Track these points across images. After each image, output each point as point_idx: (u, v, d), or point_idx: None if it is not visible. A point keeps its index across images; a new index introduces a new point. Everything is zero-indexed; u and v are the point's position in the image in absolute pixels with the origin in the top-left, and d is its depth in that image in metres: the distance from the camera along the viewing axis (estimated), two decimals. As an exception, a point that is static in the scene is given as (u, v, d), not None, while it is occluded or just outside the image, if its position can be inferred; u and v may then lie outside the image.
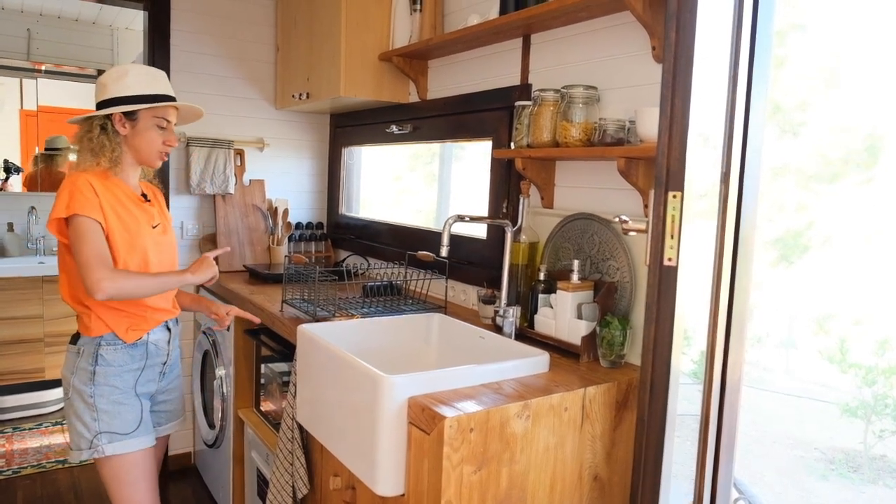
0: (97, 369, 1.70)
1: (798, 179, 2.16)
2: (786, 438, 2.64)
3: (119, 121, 1.72)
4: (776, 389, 2.64)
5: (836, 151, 2.06)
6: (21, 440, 3.38)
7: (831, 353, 2.31)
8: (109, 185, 1.70)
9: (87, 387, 1.70)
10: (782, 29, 1.86)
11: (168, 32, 2.85)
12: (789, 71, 2.03)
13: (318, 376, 1.65)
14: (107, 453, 1.69)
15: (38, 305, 3.61)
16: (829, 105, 2.06)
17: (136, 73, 1.73)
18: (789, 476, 2.52)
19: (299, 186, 3.27)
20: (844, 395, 2.34)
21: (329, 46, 2.56)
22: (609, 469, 1.54)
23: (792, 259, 2.27)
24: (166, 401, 1.91)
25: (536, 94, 1.84)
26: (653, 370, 1.12)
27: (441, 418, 1.25)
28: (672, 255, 1.05)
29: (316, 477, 1.80)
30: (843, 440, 2.46)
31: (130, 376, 1.75)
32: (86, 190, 1.62)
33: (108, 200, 1.67)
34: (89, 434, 1.69)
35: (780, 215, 2.21)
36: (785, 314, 2.47)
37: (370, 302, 2.19)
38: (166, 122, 1.76)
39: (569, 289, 1.72)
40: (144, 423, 1.76)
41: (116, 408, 1.71)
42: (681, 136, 1.03)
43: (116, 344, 1.72)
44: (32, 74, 3.95)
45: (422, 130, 2.59)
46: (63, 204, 1.61)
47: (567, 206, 1.95)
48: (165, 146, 1.77)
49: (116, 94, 1.70)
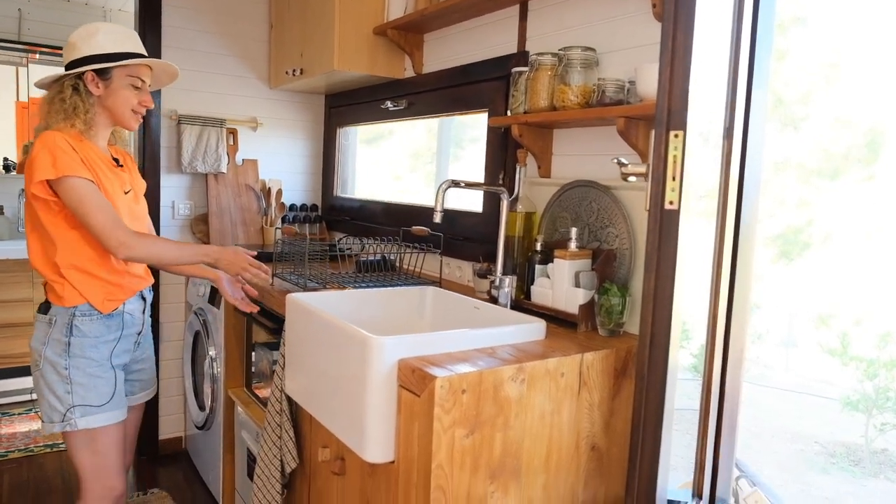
0: (72, 340, 1.63)
1: (799, 174, 2.12)
2: (786, 433, 2.60)
3: (92, 80, 1.64)
4: (777, 385, 2.61)
5: (837, 146, 2.03)
6: (10, 424, 3.32)
7: (832, 347, 2.28)
8: (82, 147, 1.62)
9: (62, 358, 1.63)
10: (784, 21, 1.82)
11: (160, 8, 2.80)
12: (791, 64, 1.99)
13: (306, 345, 1.59)
14: (79, 427, 1.64)
15: (29, 289, 3.56)
16: (831, 99, 2.02)
17: (106, 31, 1.66)
18: (790, 470, 2.48)
19: (293, 167, 3.22)
20: (845, 389, 2.30)
21: (323, 20, 2.50)
22: (607, 439, 1.49)
23: (792, 255, 2.23)
24: (140, 370, 1.88)
25: (533, 58, 1.78)
26: (653, 322, 1.07)
27: (432, 379, 1.20)
28: (674, 199, 1.00)
29: (305, 450, 1.75)
30: (843, 434, 2.43)
31: (106, 347, 1.69)
32: (65, 147, 1.55)
33: (86, 158, 1.60)
34: (62, 407, 1.63)
35: (780, 210, 2.17)
36: (785, 311, 2.43)
37: (363, 277, 2.14)
38: (141, 81, 1.69)
39: (566, 257, 1.67)
40: (118, 394, 1.71)
41: (91, 380, 1.66)
42: (683, 72, 0.97)
43: (92, 315, 1.66)
44: (23, 61, 3.89)
45: (417, 105, 2.54)
46: (47, 164, 1.52)
47: (565, 175, 1.89)
48: (141, 106, 1.71)
49: (87, 52, 1.63)
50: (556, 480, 1.41)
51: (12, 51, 3.86)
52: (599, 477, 1.50)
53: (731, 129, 1.23)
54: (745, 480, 1.69)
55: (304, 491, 1.78)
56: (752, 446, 2.56)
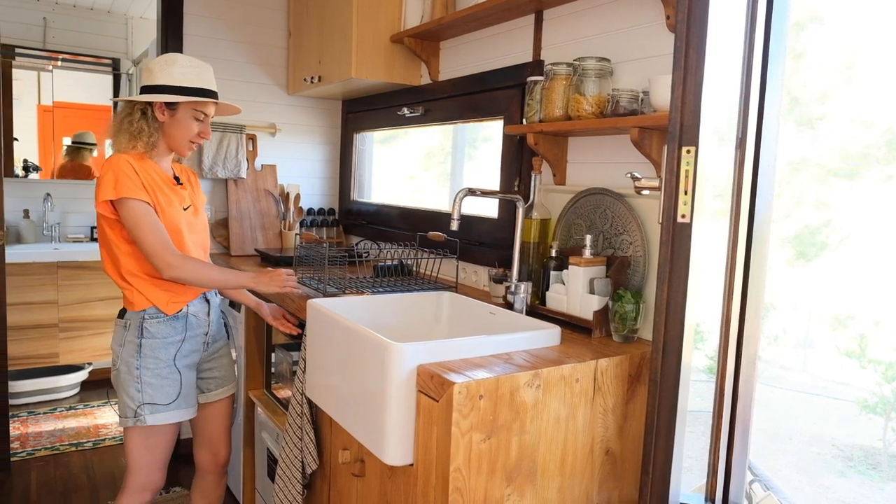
0: (143, 342, 1.76)
1: (816, 174, 2.12)
2: (802, 435, 2.60)
3: (160, 108, 1.77)
4: (792, 387, 2.60)
5: (855, 146, 2.02)
6: (36, 423, 3.41)
7: (850, 349, 2.27)
8: (145, 167, 1.75)
9: (134, 359, 1.76)
10: (800, 21, 1.83)
11: (181, 16, 2.86)
12: (807, 63, 1.99)
13: (327, 349, 1.64)
14: (148, 423, 1.76)
15: (53, 291, 3.64)
16: (849, 98, 2.02)
17: (183, 65, 1.77)
18: (806, 472, 2.48)
19: (311, 172, 3.27)
20: (863, 391, 2.30)
21: (341, 29, 2.55)
22: (621, 444, 1.52)
23: (809, 256, 2.23)
24: (213, 368, 1.98)
25: (549, 68, 1.82)
26: (666, 331, 1.09)
27: (450, 384, 1.23)
28: (686, 212, 1.03)
29: (325, 452, 1.79)
30: (861, 437, 2.42)
31: (172, 348, 1.80)
32: (128, 170, 1.68)
33: (146, 180, 1.72)
34: (133, 404, 1.76)
35: (797, 211, 2.18)
36: (802, 312, 2.43)
37: (380, 282, 2.18)
38: (204, 115, 1.80)
39: (581, 263, 1.70)
40: (183, 395, 1.82)
41: (159, 380, 1.77)
42: (695, 88, 1.00)
43: (159, 317, 1.77)
44: (47, 67, 3.99)
45: (433, 112, 2.58)
46: (110, 186, 1.67)
47: (579, 183, 1.92)
48: (199, 138, 1.82)
49: (162, 81, 1.75)
50: (571, 484, 1.44)
51: (35, 58, 3.96)
52: (613, 480, 1.53)
53: (745, 132, 1.26)
54: (758, 484, 1.71)
55: (324, 492, 1.82)
56: (768, 447, 2.56)
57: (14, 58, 3.89)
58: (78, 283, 3.71)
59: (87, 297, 3.74)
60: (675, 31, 1.05)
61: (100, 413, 3.60)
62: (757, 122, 1.27)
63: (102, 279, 3.77)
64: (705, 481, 1.53)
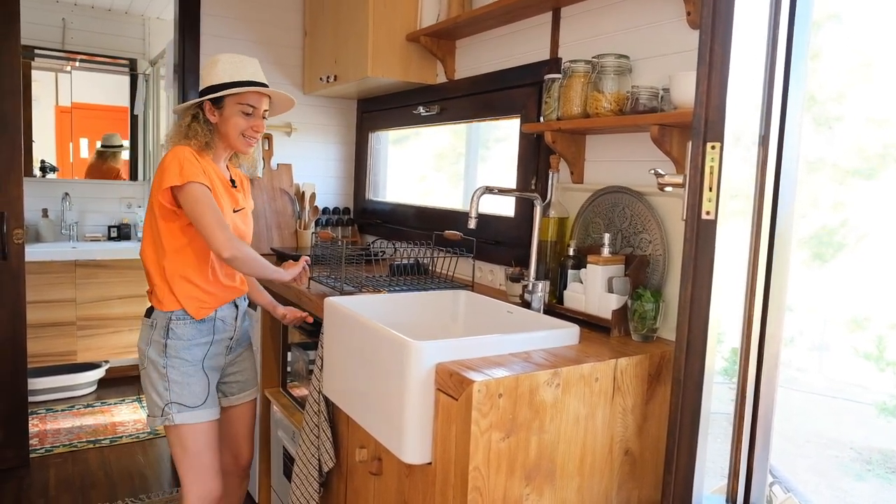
0: (169, 342, 1.76)
1: (834, 174, 2.09)
2: (819, 438, 2.57)
3: (209, 109, 1.78)
4: (809, 389, 2.57)
5: (873, 146, 2.00)
6: (54, 421, 3.44)
7: (867, 351, 2.24)
8: (203, 162, 1.76)
9: (161, 358, 1.76)
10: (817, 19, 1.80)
11: (198, 16, 2.88)
12: (825, 62, 1.97)
13: (344, 347, 1.64)
14: (176, 422, 1.76)
15: (72, 289, 3.68)
16: (867, 97, 1.99)
17: (224, 61, 1.78)
18: (823, 475, 2.45)
19: (326, 171, 3.28)
20: (881, 394, 2.27)
21: (356, 28, 2.55)
22: (641, 444, 1.51)
23: (826, 257, 2.20)
24: (236, 372, 1.98)
25: (566, 65, 1.80)
26: (689, 329, 1.08)
27: (469, 383, 1.23)
28: (710, 209, 1.02)
29: (342, 450, 1.79)
30: (880, 440, 2.39)
31: (199, 350, 1.81)
32: (192, 158, 1.70)
33: (205, 172, 1.73)
34: (161, 402, 1.76)
35: (814, 211, 2.15)
36: (818, 314, 2.40)
37: (397, 281, 2.18)
38: (251, 107, 1.78)
39: (599, 262, 1.68)
40: (211, 396, 1.82)
41: (186, 379, 1.78)
42: (720, 83, 0.99)
43: (186, 319, 1.77)
44: (65, 68, 4.03)
45: (449, 111, 2.57)
46: (175, 172, 1.66)
47: (598, 181, 1.91)
48: (252, 131, 1.80)
49: (207, 82, 1.77)
50: (590, 483, 1.43)
51: (53, 59, 4.00)
52: (633, 481, 1.51)
53: (768, 130, 1.24)
54: (778, 486, 1.69)
55: (340, 490, 1.82)
56: (785, 450, 2.53)
57: (34, 59, 3.93)
58: (96, 282, 3.74)
59: (104, 296, 3.77)
60: (700, 26, 1.03)
61: (117, 410, 3.63)
62: (780, 120, 1.26)
63: (120, 277, 3.80)
64: (726, 483, 1.51)
